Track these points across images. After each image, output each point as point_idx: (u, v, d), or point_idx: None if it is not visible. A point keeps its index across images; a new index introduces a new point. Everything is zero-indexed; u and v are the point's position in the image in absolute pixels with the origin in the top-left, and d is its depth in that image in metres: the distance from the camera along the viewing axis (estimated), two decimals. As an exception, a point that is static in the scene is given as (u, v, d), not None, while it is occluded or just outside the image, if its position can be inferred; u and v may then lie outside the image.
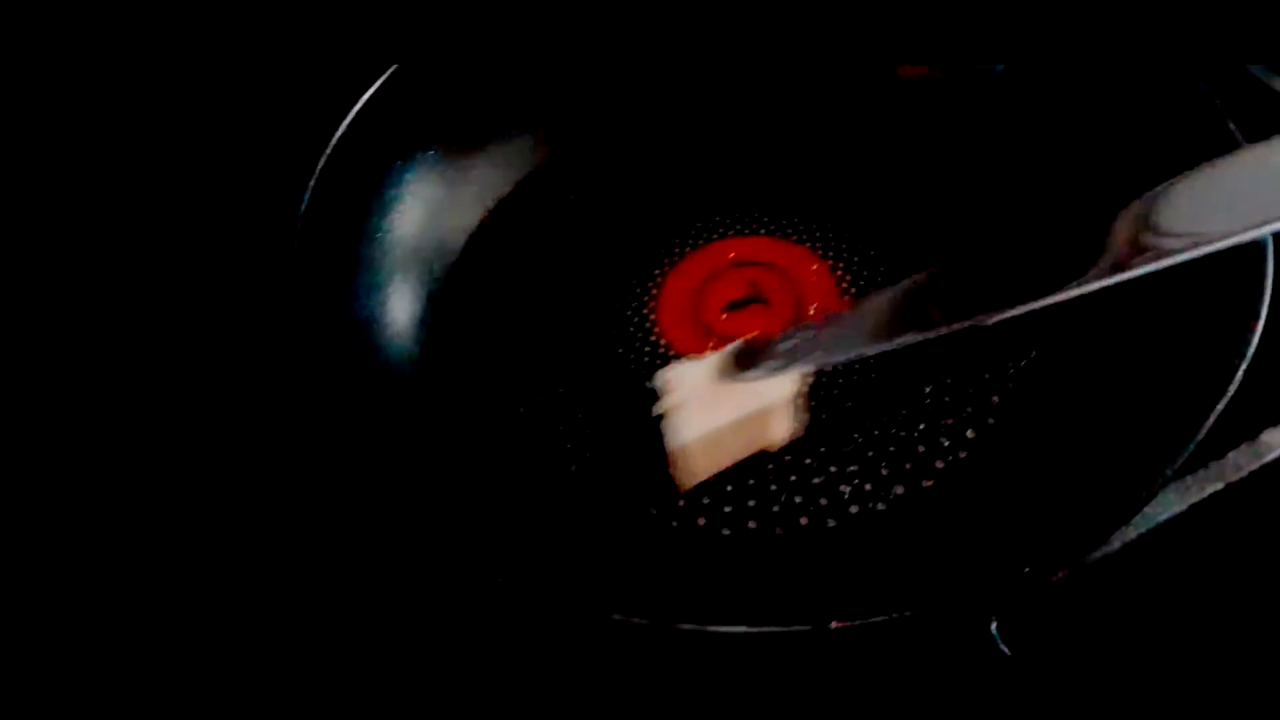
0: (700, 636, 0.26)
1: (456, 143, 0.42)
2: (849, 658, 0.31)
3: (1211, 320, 0.32)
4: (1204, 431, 0.29)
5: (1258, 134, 0.35)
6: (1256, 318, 0.31)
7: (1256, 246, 0.32)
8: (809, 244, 0.42)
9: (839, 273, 0.41)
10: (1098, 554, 0.32)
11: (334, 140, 0.39)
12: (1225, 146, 0.34)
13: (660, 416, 0.33)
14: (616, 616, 0.26)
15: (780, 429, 0.35)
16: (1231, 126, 0.35)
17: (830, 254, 0.41)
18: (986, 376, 0.37)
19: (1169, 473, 0.29)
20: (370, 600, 0.34)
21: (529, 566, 0.30)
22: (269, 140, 0.45)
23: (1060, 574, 0.31)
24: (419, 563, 0.33)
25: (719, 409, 0.33)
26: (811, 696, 0.31)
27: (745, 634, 0.26)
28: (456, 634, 0.33)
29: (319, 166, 0.38)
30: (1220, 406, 0.29)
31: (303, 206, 0.37)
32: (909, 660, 0.31)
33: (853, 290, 0.40)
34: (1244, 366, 0.30)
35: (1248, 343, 0.30)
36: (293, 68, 0.48)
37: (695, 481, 0.35)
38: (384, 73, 0.40)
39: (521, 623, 0.32)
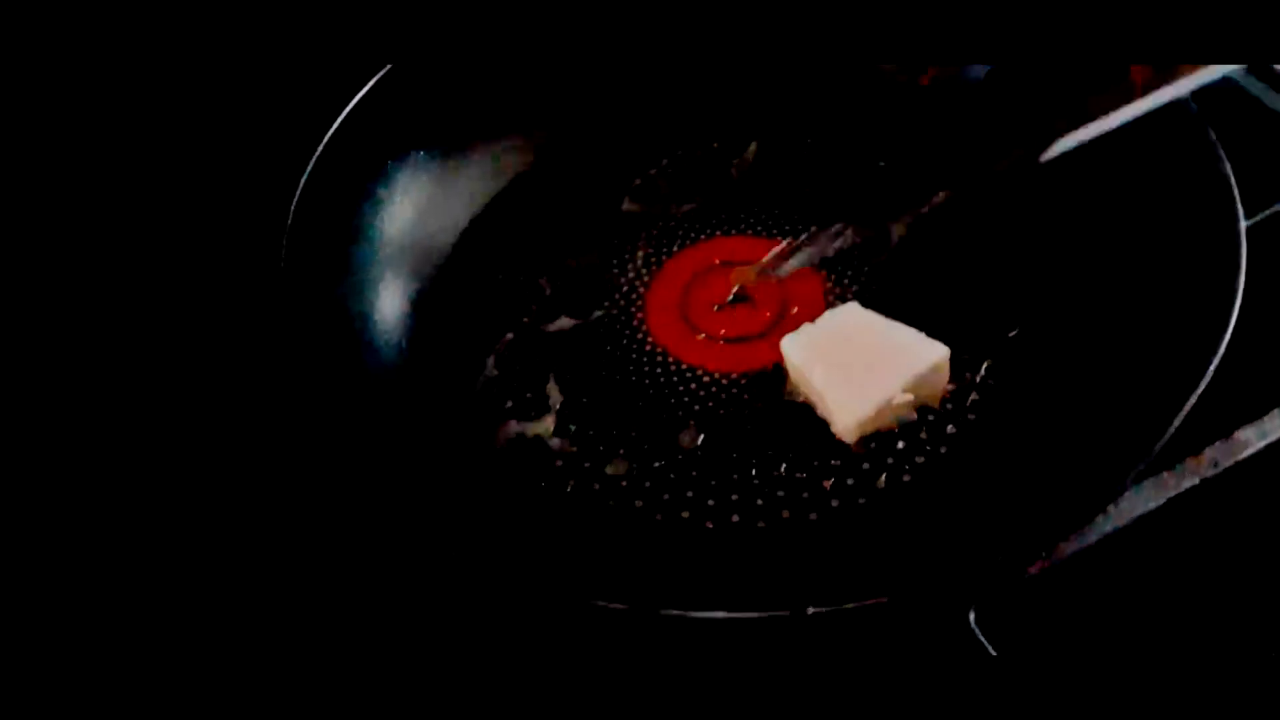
0: (681, 622, 0.27)
1: (447, 144, 0.43)
2: (832, 647, 0.32)
3: (1184, 318, 0.33)
4: (1174, 427, 0.29)
5: (1250, 150, 0.36)
6: (1229, 315, 0.31)
7: (1231, 245, 0.33)
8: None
9: (823, 272, 0.41)
10: (1076, 547, 0.32)
11: (326, 139, 0.39)
12: (1209, 161, 0.36)
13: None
14: (599, 603, 0.27)
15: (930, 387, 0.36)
16: (1213, 137, 0.36)
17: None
18: (966, 376, 0.37)
19: (1141, 466, 0.29)
20: (351, 591, 0.34)
21: (512, 556, 0.30)
22: (262, 139, 0.46)
23: (1037, 567, 0.32)
24: (401, 554, 0.34)
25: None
26: (793, 685, 0.31)
27: (725, 619, 0.26)
28: (434, 625, 0.33)
29: (310, 165, 0.39)
30: (1191, 402, 0.30)
31: (294, 205, 0.38)
32: (891, 650, 0.31)
33: (835, 289, 0.41)
34: (1215, 364, 0.30)
35: (1219, 340, 0.31)
36: (287, 67, 0.48)
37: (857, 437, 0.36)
38: (377, 74, 0.41)
39: (503, 611, 0.32)
